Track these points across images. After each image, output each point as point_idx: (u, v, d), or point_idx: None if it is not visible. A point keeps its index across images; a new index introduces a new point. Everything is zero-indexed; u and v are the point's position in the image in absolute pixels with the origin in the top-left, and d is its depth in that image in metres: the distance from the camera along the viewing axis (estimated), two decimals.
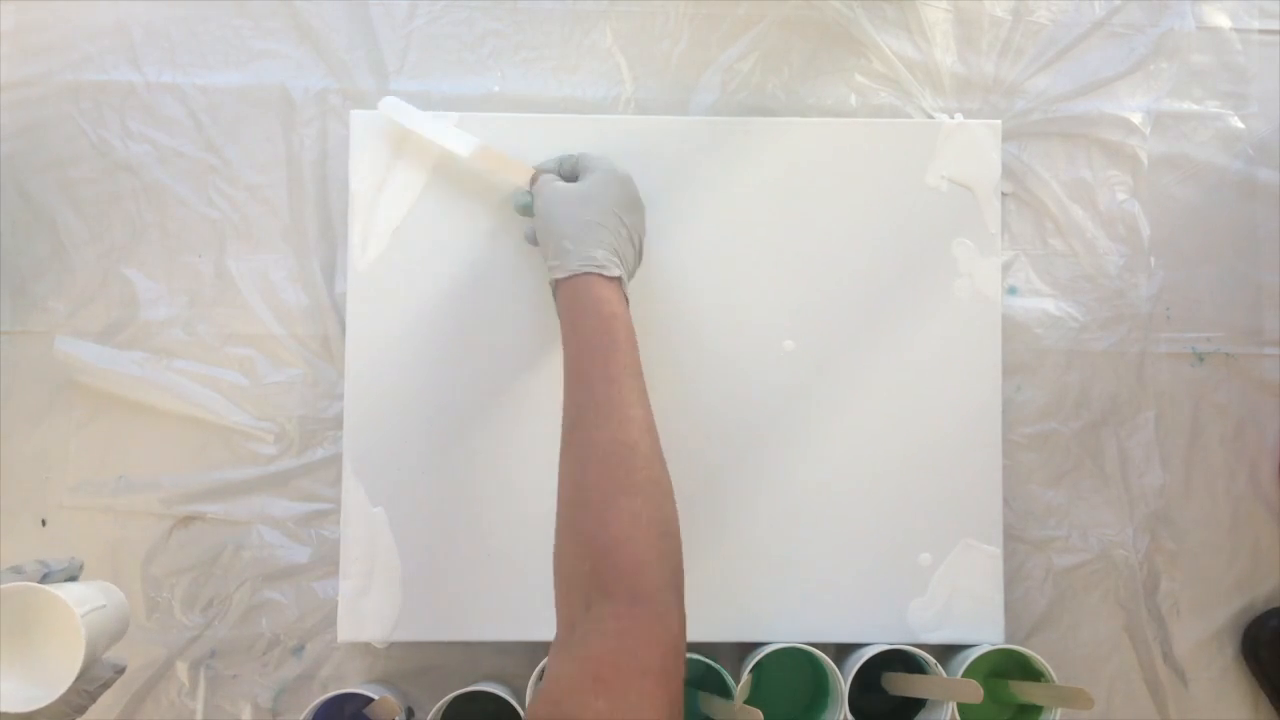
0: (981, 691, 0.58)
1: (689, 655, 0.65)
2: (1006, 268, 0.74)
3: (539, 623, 0.68)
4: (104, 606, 0.55)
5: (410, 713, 0.69)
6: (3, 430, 0.71)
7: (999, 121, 0.73)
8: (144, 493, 0.71)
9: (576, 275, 0.58)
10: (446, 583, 0.68)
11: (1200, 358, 0.75)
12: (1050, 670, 0.65)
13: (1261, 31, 0.77)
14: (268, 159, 0.73)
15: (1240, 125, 0.76)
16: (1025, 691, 0.65)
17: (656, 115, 0.74)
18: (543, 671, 0.64)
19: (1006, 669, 0.68)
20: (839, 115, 0.75)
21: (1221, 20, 0.77)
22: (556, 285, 0.60)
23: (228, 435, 0.71)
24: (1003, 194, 0.74)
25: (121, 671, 0.56)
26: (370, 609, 0.68)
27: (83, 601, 0.53)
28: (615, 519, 0.49)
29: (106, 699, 0.60)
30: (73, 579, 0.57)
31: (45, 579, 0.54)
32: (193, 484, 0.71)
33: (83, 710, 0.54)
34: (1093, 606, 0.73)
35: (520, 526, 0.69)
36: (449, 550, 0.68)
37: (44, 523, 0.71)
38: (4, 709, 0.50)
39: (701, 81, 0.75)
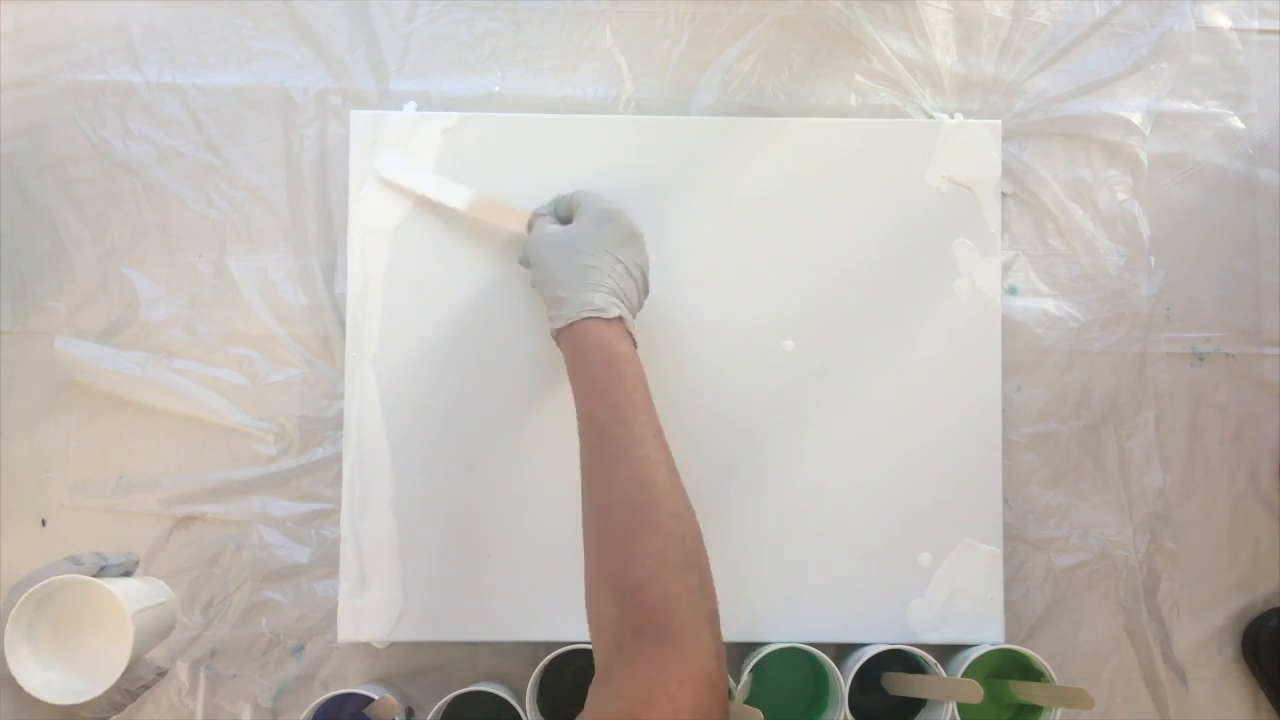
0: (981, 691, 0.58)
1: None
2: (1006, 268, 0.74)
3: (539, 623, 0.68)
4: (160, 604, 0.56)
5: (410, 713, 0.69)
6: (3, 430, 0.71)
7: (999, 121, 0.73)
8: (144, 493, 0.71)
9: (575, 323, 0.58)
10: (446, 583, 0.68)
11: (1200, 358, 0.75)
12: (1050, 670, 0.65)
13: (1261, 31, 0.77)
14: (268, 159, 0.73)
15: (1240, 125, 0.76)
16: (1025, 691, 0.65)
17: (656, 115, 0.74)
18: (544, 671, 0.64)
19: (1006, 669, 0.68)
20: (839, 115, 0.75)
21: (1221, 20, 0.77)
22: (558, 334, 0.59)
23: (228, 435, 0.71)
24: (1003, 194, 0.74)
25: (164, 674, 0.57)
26: (370, 609, 0.68)
27: (136, 599, 0.53)
28: (639, 557, 0.49)
29: None
30: (128, 574, 0.57)
31: (101, 572, 0.54)
32: (193, 484, 0.71)
33: (121, 708, 0.54)
34: (1093, 606, 0.73)
35: (520, 526, 0.69)
36: (449, 550, 0.68)
37: (44, 523, 0.71)
38: (49, 699, 0.50)
39: (701, 81, 0.75)
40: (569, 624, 0.68)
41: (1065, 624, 0.73)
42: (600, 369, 0.56)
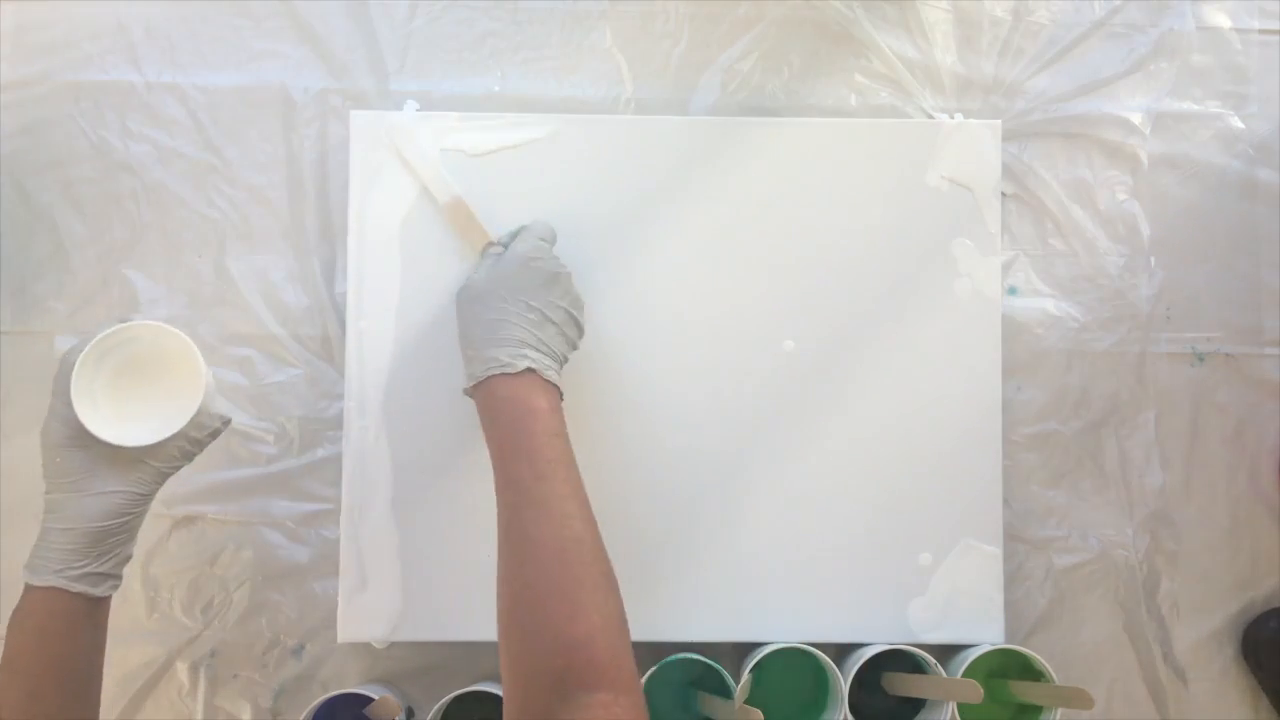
0: (981, 691, 0.58)
1: (689, 655, 0.65)
2: (1006, 268, 0.74)
3: None
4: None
5: (410, 713, 0.69)
6: (3, 430, 0.71)
7: (999, 121, 0.73)
8: None
9: (481, 382, 0.58)
10: (446, 583, 0.68)
11: (1200, 358, 0.75)
12: (1050, 670, 0.65)
13: (1261, 31, 0.77)
14: (268, 159, 0.73)
15: (1240, 125, 0.76)
16: (1025, 691, 0.65)
17: (656, 115, 0.74)
18: None
19: (1006, 669, 0.68)
20: (839, 115, 0.75)
21: (1221, 20, 0.77)
22: (470, 394, 0.60)
23: (227, 435, 0.71)
24: (1003, 194, 0.74)
25: (228, 423, 0.61)
26: (370, 609, 0.68)
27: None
28: (586, 613, 0.50)
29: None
30: None
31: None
32: (193, 484, 0.71)
33: (191, 458, 0.59)
34: (1093, 606, 0.73)
35: None
36: (449, 550, 0.68)
37: None
38: (123, 444, 0.54)
39: (701, 81, 0.75)
40: None
41: (1065, 624, 0.73)
42: (509, 427, 0.57)
